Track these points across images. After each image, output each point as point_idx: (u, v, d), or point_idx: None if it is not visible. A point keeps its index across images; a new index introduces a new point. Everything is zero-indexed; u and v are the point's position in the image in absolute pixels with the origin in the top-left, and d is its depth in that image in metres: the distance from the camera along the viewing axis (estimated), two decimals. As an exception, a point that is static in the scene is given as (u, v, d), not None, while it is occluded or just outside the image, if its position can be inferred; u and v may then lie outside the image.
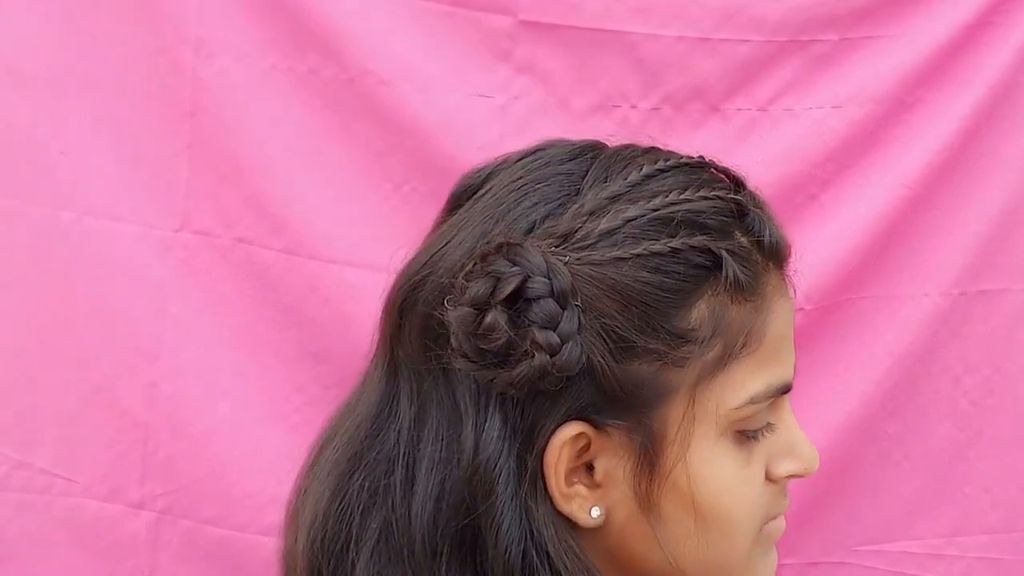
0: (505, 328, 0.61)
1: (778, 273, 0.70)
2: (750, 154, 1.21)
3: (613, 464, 0.66)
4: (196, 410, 1.26)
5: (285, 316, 1.26)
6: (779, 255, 0.69)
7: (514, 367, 0.62)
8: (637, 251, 0.64)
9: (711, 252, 0.65)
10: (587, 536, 0.66)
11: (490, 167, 0.71)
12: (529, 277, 0.62)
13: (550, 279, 0.62)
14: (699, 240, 0.65)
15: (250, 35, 1.24)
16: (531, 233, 0.65)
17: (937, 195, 1.24)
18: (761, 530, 0.70)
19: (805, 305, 1.23)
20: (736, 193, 0.68)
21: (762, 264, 0.68)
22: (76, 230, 1.25)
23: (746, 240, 0.67)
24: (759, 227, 0.68)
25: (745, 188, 0.70)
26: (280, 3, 1.24)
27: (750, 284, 0.66)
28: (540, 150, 0.70)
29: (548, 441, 0.64)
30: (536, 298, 0.61)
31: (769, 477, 0.69)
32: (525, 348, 0.61)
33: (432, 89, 1.23)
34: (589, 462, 0.66)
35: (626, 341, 0.63)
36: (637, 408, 0.64)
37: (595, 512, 0.66)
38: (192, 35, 1.24)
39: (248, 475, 1.25)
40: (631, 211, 0.65)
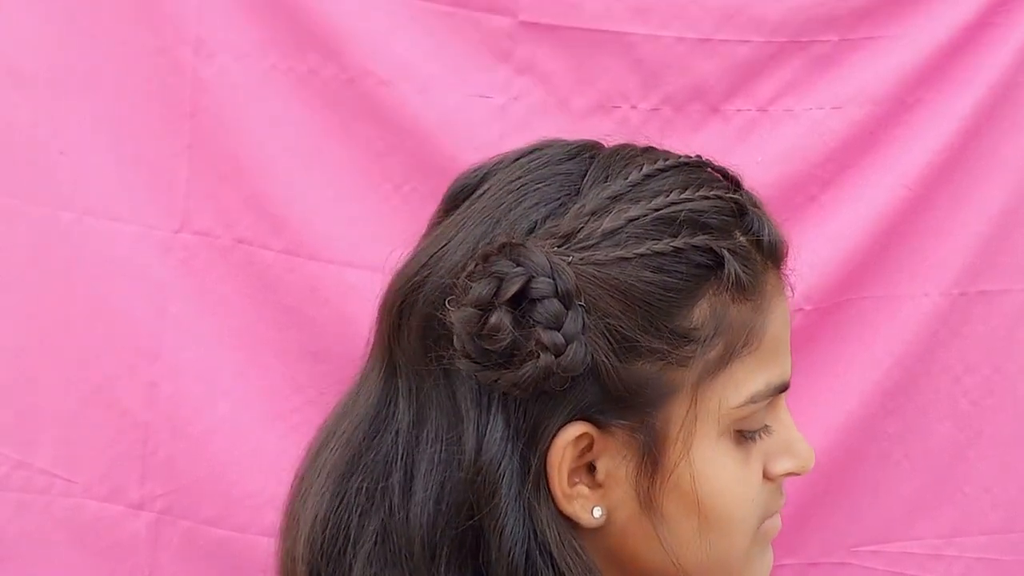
0: (510, 328, 0.61)
1: (776, 272, 0.70)
2: (750, 155, 1.21)
3: (615, 464, 0.66)
4: (196, 410, 1.26)
5: (285, 316, 1.26)
6: (777, 254, 0.70)
7: (519, 368, 0.62)
8: (640, 251, 0.64)
9: (713, 251, 0.65)
10: (588, 536, 0.66)
11: (486, 167, 0.71)
12: (533, 277, 0.62)
13: (554, 279, 0.62)
14: (701, 239, 0.65)
15: (250, 35, 1.24)
16: (532, 233, 0.65)
17: (937, 195, 1.24)
18: (759, 529, 0.70)
19: (805, 305, 1.23)
20: (734, 192, 0.69)
21: (761, 263, 0.68)
22: (76, 230, 1.25)
23: (745, 239, 0.67)
24: (758, 226, 0.68)
25: (742, 187, 0.70)
26: (280, 3, 1.24)
27: (751, 283, 0.66)
28: (537, 150, 0.70)
29: (552, 441, 0.64)
30: (540, 298, 0.61)
31: (766, 476, 0.70)
32: (530, 348, 0.61)
33: (432, 89, 1.23)
34: (591, 462, 0.66)
35: (629, 341, 0.63)
36: (640, 408, 0.65)
37: (597, 512, 0.66)
38: (192, 35, 1.24)
39: (248, 475, 1.25)
40: (633, 211, 0.65)
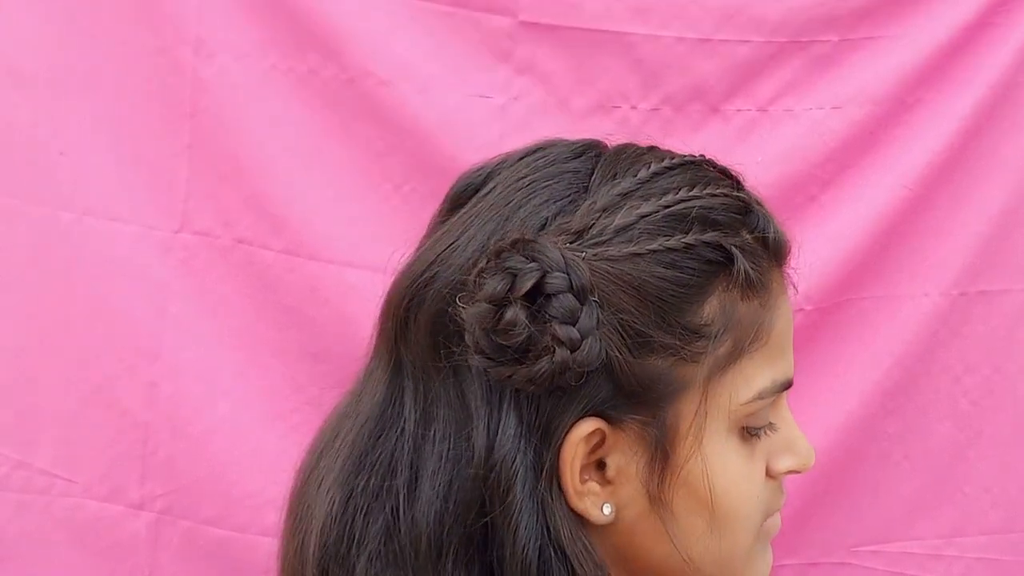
0: (526, 323, 0.61)
1: (780, 270, 0.70)
2: (750, 155, 1.21)
3: (625, 461, 0.66)
4: (196, 410, 1.26)
5: (285, 316, 1.26)
6: (781, 252, 0.70)
7: (534, 363, 0.61)
8: (653, 247, 0.64)
9: (723, 248, 0.65)
10: (595, 533, 0.66)
11: (489, 167, 0.71)
12: (548, 272, 0.61)
13: (568, 274, 0.61)
14: (711, 236, 0.65)
15: (250, 35, 1.24)
16: (544, 230, 0.65)
17: (937, 195, 1.24)
18: (761, 526, 0.70)
19: (805, 305, 1.23)
20: (738, 191, 0.69)
21: (767, 261, 0.68)
22: (76, 230, 1.25)
23: (752, 237, 0.68)
24: (763, 224, 0.68)
25: (743, 186, 0.71)
26: (280, 3, 1.24)
27: (759, 280, 0.67)
28: (541, 149, 0.70)
29: (565, 438, 0.64)
30: (555, 293, 0.61)
31: (769, 473, 0.70)
32: (545, 344, 0.61)
33: (432, 89, 1.23)
34: (601, 459, 0.66)
35: (642, 336, 0.64)
36: (652, 403, 0.65)
37: (607, 509, 0.66)
38: (192, 35, 1.24)
39: (248, 475, 1.25)
40: (644, 208, 0.65)
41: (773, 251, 0.69)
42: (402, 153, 1.24)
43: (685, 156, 0.70)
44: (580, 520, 0.65)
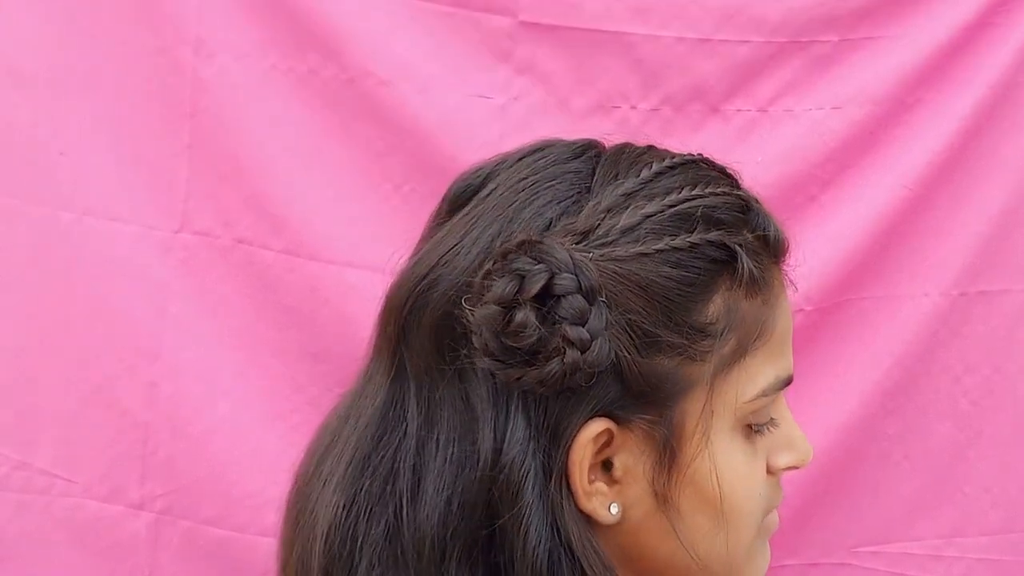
0: (536, 325, 0.61)
1: (779, 267, 0.71)
2: (750, 155, 1.21)
3: (633, 460, 0.66)
4: (196, 410, 1.26)
5: (285, 316, 1.26)
6: (781, 250, 0.71)
7: (544, 365, 0.62)
8: (659, 246, 0.64)
9: (727, 247, 0.66)
10: (601, 533, 0.67)
11: (487, 168, 0.71)
12: (556, 274, 0.62)
13: (577, 275, 0.62)
14: (716, 235, 0.66)
15: (250, 35, 1.24)
16: (548, 231, 0.65)
17: (937, 195, 1.24)
18: (762, 523, 0.71)
19: (805, 306, 1.23)
20: (737, 189, 0.70)
21: (768, 259, 0.69)
22: (76, 230, 1.25)
23: (753, 235, 0.68)
24: (763, 222, 0.69)
25: (740, 184, 0.71)
26: (280, 3, 1.24)
27: (761, 278, 0.67)
28: (540, 149, 0.70)
29: (574, 439, 0.64)
30: (564, 295, 0.61)
31: (768, 470, 0.70)
32: (555, 345, 0.61)
33: (432, 89, 1.23)
34: (607, 459, 0.66)
35: (650, 336, 0.64)
36: (660, 402, 0.65)
37: (614, 509, 0.66)
38: (192, 35, 1.24)
39: (248, 475, 1.25)
40: (649, 208, 0.65)
41: (773, 249, 0.69)
42: (402, 153, 1.24)
43: (684, 155, 0.70)
44: (588, 521, 0.66)
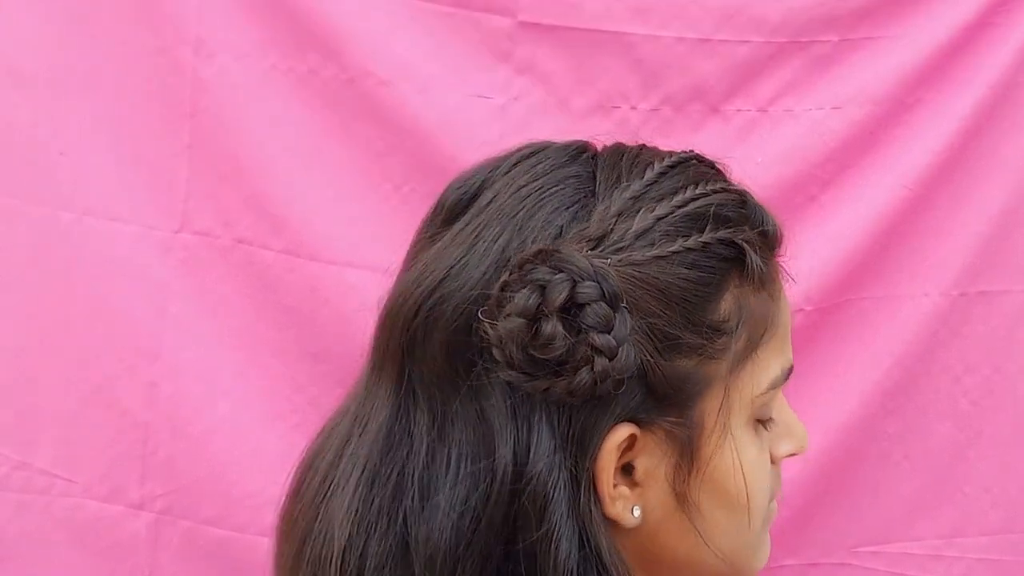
0: (565, 336, 0.61)
1: (776, 260, 0.71)
2: (750, 155, 1.21)
3: (653, 463, 0.66)
4: (196, 410, 1.26)
5: (285, 316, 1.26)
6: (778, 242, 0.71)
7: (574, 375, 0.61)
8: (674, 248, 0.64)
9: (735, 244, 0.66)
10: (620, 538, 0.67)
11: (481, 174, 0.70)
12: (578, 282, 0.61)
13: (599, 282, 0.61)
14: (724, 233, 0.66)
15: (250, 35, 1.24)
16: (559, 238, 0.65)
17: (937, 195, 1.24)
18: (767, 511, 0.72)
19: (805, 306, 1.23)
20: (731, 184, 0.70)
21: (768, 252, 0.70)
22: (76, 230, 1.25)
23: (754, 230, 0.68)
24: (761, 216, 0.69)
25: (730, 178, 0.72)
26: (280, 3, 1.24)
27: (765, 273, 0.68)
28: (534, 153, 0.70)
29: (600, 446, 0.64)
30: (588, 303, 0.61)
31: (771, 459, 0.71)
32: (583, 354, 0.61)
33: (432, 89, 1.23)
34: (628, 462, 0.66)
35: (671, 338, 0.64)
36: (681, 404, 0.65)
37: (636, 512, 0.66)
38: (192, 35, 1.24)
39: (248, 475, 1.25)
40: (660, 210, 0.65)
41: (771, 242, 0.70)
42: (402, 153, 1.24)
43: (680, 153, 0.70)
44: (610, 527, 0.65)
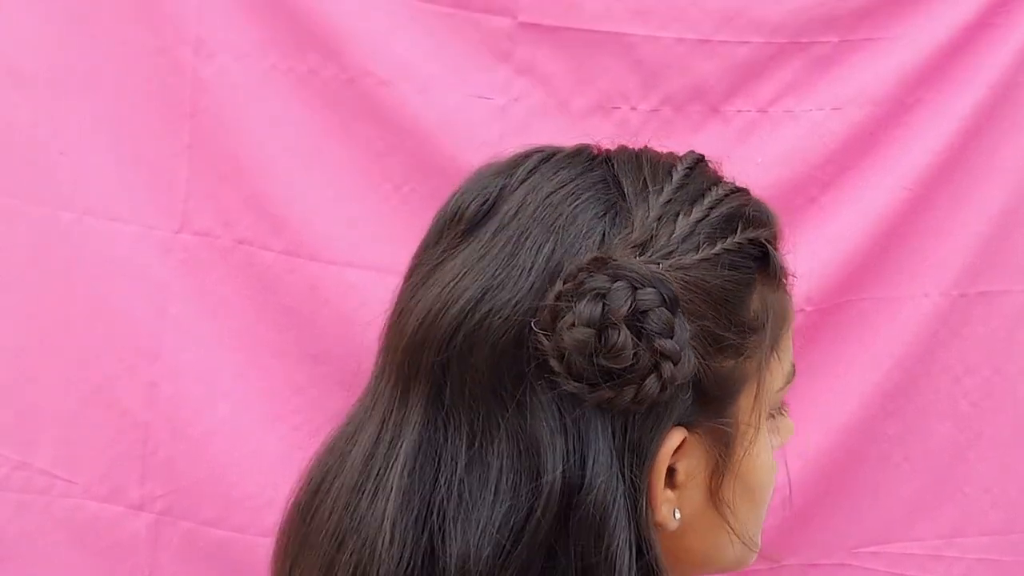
0: (635, 343, 0.60)
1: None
2: (750, 156, 1.21)
3: (694, 464, 0.66)
4: (196, 411, 1.26)
5: (285, 317, 1.26)
6: (781, 234, 0.72)
7: (641, 382, 0.61)
8: (715, 250, 0.65)
9: (760, 243, 0.68)
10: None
11: (495, 182, 0.69)
12: (638, 288, 0.61)
13: (658, 288, 0.61)
14: (752, 233, 0.68)
15: (250, 35, 1.24)
16: (603, 245, 0.64)
17: (937, 196, 1.24)
18: None
19: (805, 307, 1.23)
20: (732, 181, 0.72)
21: (778, 247, 0.71)
22: (76, 230, 1.25)
23: (770, 228, 0.70)
24: (769, 213, 0.71)
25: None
26: (280, 3, 1.23)
27: (782, 269, 0.69)
28: (546, 160, 0.70)
29: (657, 453, 0.63)
30: (649, 309, 0.61)
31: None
32: (649, 361, 0.61)
33: (432, 89, 1.23)
34: (671, 466, 0.66)
35: (718, 339, 0.65)
36: (723, 403, 0.66)
37: (677, 514, 0.66)
38: (192, 35, 1.24)
39: (248, 476, 1.25)
40: (696, 213, 0.66)
41: (779, 236, 0.71)
42: (402, 153, 1.24)
43: (690, 155, 0.71)
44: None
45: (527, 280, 0.64)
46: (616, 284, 0.61)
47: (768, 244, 0.68)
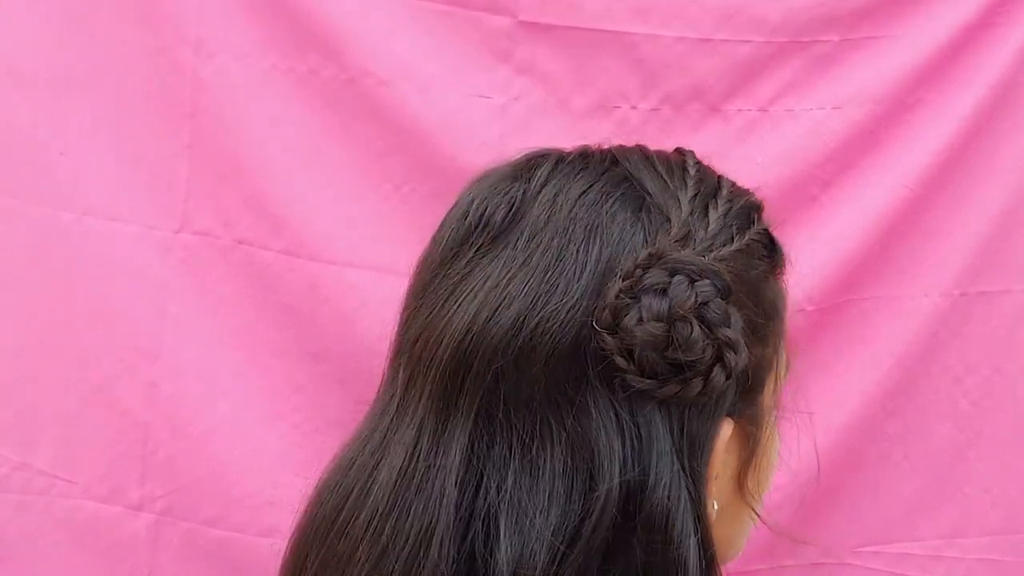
0: (705, 335, 0.61)
1: None
2: (750, 155, 1.21)
3: (729, 454, 0.66)
4: (196, 410, 1.26)
5: (285, 316, 1.26)
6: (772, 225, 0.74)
7: (708, 373, 0.61)
8: (744, 242, 0.67)
9: (768, 232, 0.70)
10: None
11: (515, 188, 0.68)
12: (696, 280, 0.62)
13: (712, 280, 0.62)
14: (764, 224, 0.70)
15: (250, 35, 1.24)
16: (647, 243, 0.64)
17: (937, 196, 1.24)
18: None
19: (806, 306, 1.23)
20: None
21: None
22: (76, 230, 1.25)
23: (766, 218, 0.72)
24: (761, 202, 0.73)
25: None
26: (280, 3, 1.23)
27: (785, 257, 0.71)
28: (560, 162, 0.69)
29: (712, 447, 0.64)
30: (708, 300, 0.61)
31: None
32: (713, 352, 0.61)
33: (432, 89, 1.23)
34: None
35: (756, 328, 0.66)
36: (756, 392, 0.67)
37: (716, 506, 0.66)
38: (192, 35, 1.24)
39: (248, 475, 1.25)
40: (720, 207, 0.67)
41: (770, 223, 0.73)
42: (402, 153, 1.24)
43: (687, 151, 0.73)
44: None
45: (579, 281, 0.63)
46: (676, 278, 0.61)
47: (774, 233, 0.70)
